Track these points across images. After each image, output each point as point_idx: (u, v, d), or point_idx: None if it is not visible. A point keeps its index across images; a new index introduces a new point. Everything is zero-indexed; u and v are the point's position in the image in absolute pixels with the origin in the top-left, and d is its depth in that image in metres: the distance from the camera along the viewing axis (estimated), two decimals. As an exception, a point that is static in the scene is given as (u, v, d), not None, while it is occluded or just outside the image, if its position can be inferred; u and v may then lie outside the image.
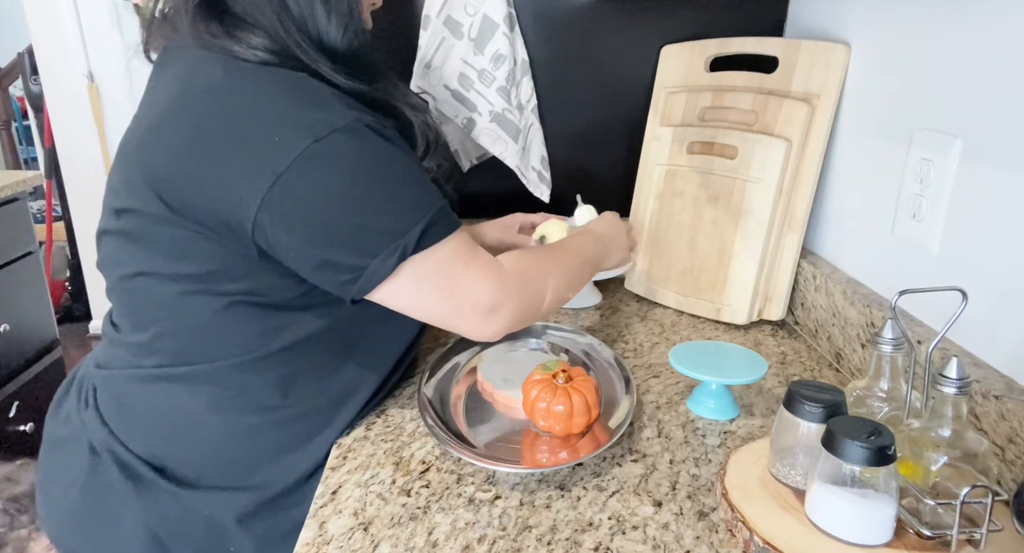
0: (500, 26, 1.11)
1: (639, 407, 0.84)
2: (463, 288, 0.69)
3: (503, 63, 1.13)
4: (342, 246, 0.64)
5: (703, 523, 0.64)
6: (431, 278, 0.68)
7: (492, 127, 1.15)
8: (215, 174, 0.63)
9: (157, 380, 0.73)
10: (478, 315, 0.70)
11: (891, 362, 0.66)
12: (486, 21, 1.11)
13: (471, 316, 0.70)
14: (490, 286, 0.70)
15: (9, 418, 1.87)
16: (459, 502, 0.67)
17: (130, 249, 0.70)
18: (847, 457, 0.54)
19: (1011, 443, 0.64)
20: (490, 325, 0.72)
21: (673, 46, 1.19)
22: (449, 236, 0.68)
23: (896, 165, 0.87)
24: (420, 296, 0.69)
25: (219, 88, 0.65)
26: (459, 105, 1.15)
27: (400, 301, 0.69)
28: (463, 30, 1.13)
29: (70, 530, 0.76)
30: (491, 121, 1.15)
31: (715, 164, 1.08)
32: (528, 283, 0.75)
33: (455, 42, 1.13)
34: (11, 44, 3.50)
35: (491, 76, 1.13)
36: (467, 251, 0.70)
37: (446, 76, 1.14)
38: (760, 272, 1.05)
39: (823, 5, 1.07)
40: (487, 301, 0.70)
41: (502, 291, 0.71)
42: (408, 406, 0.84)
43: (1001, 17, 0.70)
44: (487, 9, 1.11)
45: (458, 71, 1.14)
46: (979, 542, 0.55)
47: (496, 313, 0.71)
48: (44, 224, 3.14)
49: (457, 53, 1.14)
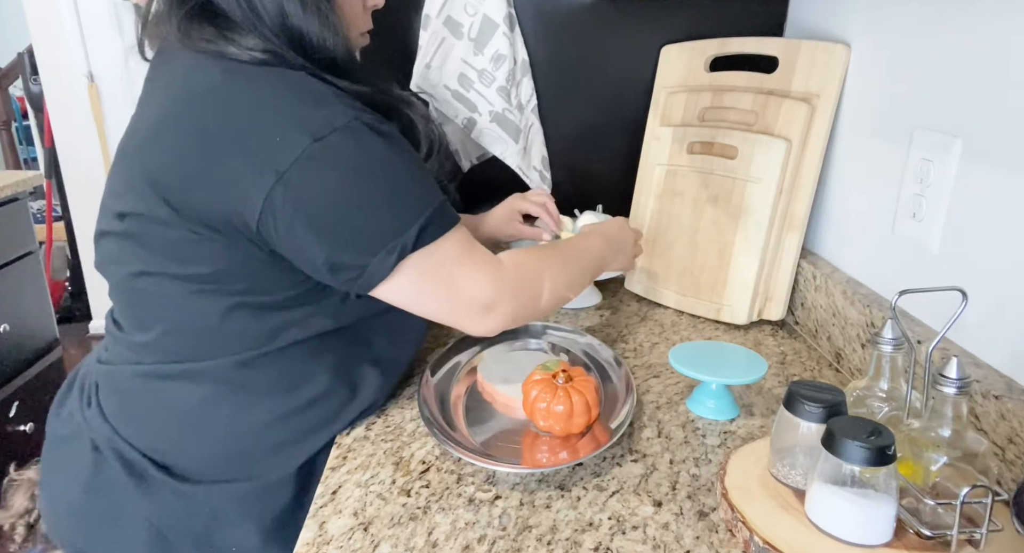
0: (500, 26, 1.11)
1: (639, 407, 0.84)
2: (461, 285, 0.70)
3: (503, 63, 1.13)
4: (343, 245, 0.65)
5: (703, 523, 0.64)
6: (430, 275, 0.69)
7: (492, 127, 1.15)
8: (218, 175, 0.64)
9: (160, 376, 0.73)
10: (474, 312, 0.71)
11: (891, 362, 0.66)
12: (486, 21, 1.11)
13: (468, 313, 0.72)
14: (487, 283, 0.71)
15: (9, 418, 1.87)
16: (459, 502, 0.67)
17: (133, 250, 0.70)
18: (847, 457, 0.54)
19: (1011, 443, 0.64)
20: (487, 322, 0.73)
21: (673, 46, 1.19)
22: (447, 233, 0.68)
23: (896, 165, 0.87)
24: (420, 293, 0.69)
25: (219, 89, 0.65)
26: (459, 105, 1.15)
27: (401, 298, 0.70)
28: (463, 30, 1.13)
29: (74, 528, 0.76)
30: (491, 121, 1.15)
31: (715, 164, 1.08)
32: (526, 282, 0.76)
33: (455, 42, 1.13)
34: (11, 44, 3.50)
35: (491, 76, 1.13)
36: (465, 248, 0.70)
37: (446, 76, 1.14)
38: (760, 272, 1.05)
39: (823, 5, 1.07)
40: (484, 298, 0.71)
41: (499, 289, 0.72)
42: (408, 406, 0.84)
43: (1001, 17, 0.70)
44: (487, 9, 1.11)
45: (458, 71, 1.14)
46: (979, 542, 0.55)
47: (492, 310, 0.72)
48: (44, 224, 3.14)
49: (457, 53, 1.14)
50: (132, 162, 0.69)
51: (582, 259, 0.87)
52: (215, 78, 0.66)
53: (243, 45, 0.67)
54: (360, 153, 0.65)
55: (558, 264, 0.81)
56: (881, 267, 0.91)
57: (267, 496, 0.74)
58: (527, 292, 0.75)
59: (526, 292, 0.75)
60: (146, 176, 0.67)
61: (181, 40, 0.68)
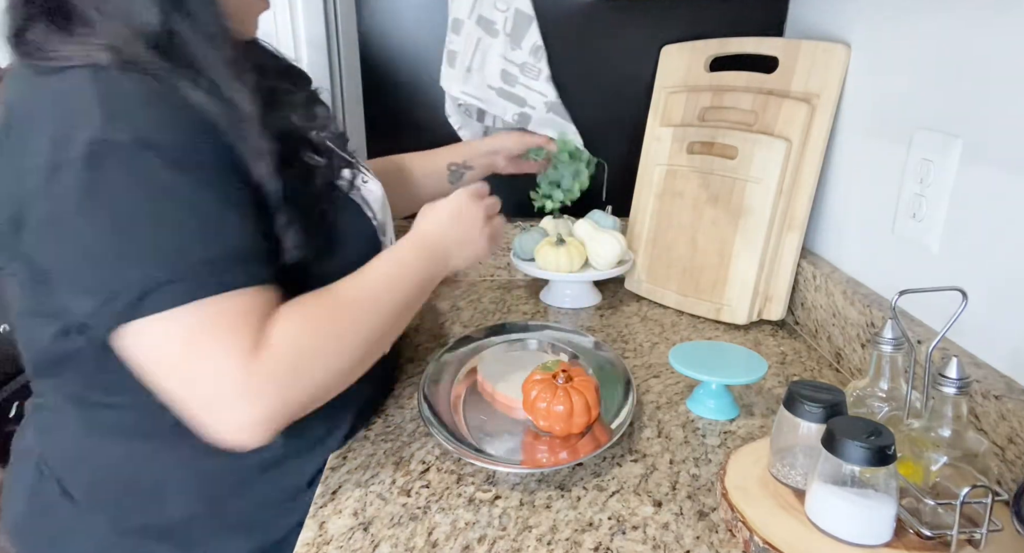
0: (534, 19, 1.12)
1: (639, 407, 0.84)
2: (197, 374, 0.56)
3: (543, 53, 1.14)
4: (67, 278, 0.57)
5: (703, 523, 0.64)
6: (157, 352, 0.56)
7: (550, 117, 1.15)
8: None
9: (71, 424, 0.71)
10: (213, 413, 0.56)
11: (891, 362, 0.66)
12: (519, 15, 1.12)
13: (203, 414, 0.56)
14: (234, 377, 0.55)
15: (9, 418, 1.87)
16: (459, 502, 0.67)
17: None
18: (847, 457, 0.54)
19: (1011, 443, 0.64)
20: (233, 428, 0.56)
21: (673, 46, 1.19)
22: (195, 302, 0.54)
23: (896, 165, 0.87)
24: (153, 365, 0.57)
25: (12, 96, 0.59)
26: (506, 103, 1.15)
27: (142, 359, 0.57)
28: (497, 27, 1.12)
29: (19, 545, 0.74)
30: (548, 111, 1.15)
31: (715, 164, 1.08)
32: (301, 372, 0.59)
33: (491, 41, 1.13)
34: (11, 44, 3.49)
35: (535, 68, 1.14)
36: (211, 327, 0.55)
37: (488, 76, 1.14)
38: (760, 272, 1.05)
39: (823, 5, 1.07)
40: (226, 395, 0.55)
41: (251, 385, 0.55)
42: (408, 406, 0.84)
43: (1001, 17, 0.70)
44: (518, 3, 1.11)
45: (500, 68, 1.14)
46: (979, 542, 0.55)
47: (239, 412, 0.56)
48: (44, 224, 3.14)
49: (495, 51, 1.13)
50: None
51: (395, 295, 0.68)
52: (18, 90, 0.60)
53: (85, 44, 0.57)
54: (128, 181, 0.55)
55: (350, 326, 0.63)
56: (881, 267, 0.91)
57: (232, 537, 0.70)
58: (303, 383, 0.59)
59: (301, 384, 0.59)
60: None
61: (15, 47, 0.60)
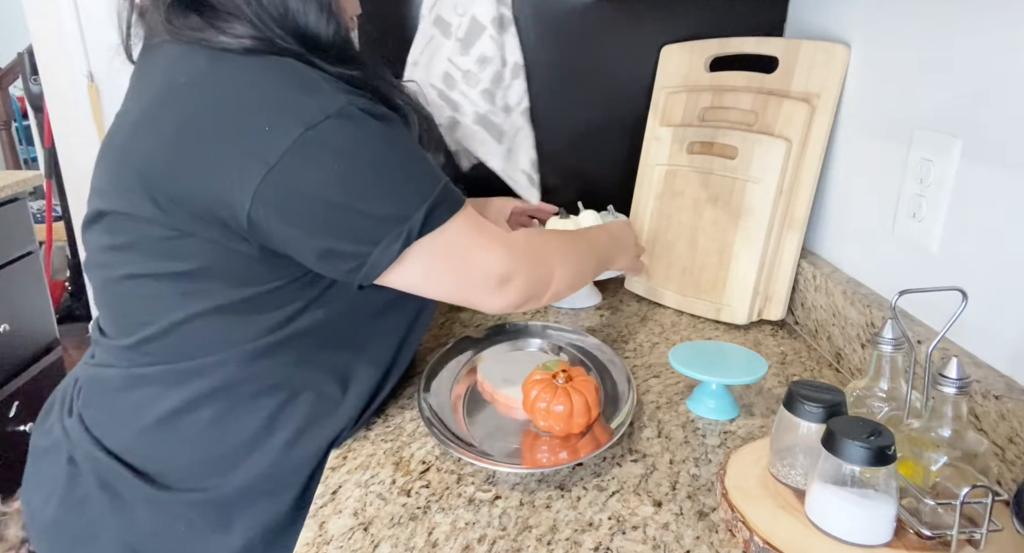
0: (487, 29, 1.11)
1: (639, 407, 0.84)
2: (475, 260, 0.69)
3: (488, 65, 1.12)
4: (343, 235, 0.63)
5: (703, 523, 0.64)
6: (441, 257, 0.67)
7: (477, 129, 1.15)
8: (204, 167, 0.61)
9: (143, 380, 0.71)
10: (490, 286, 0.70)
11: (891, 362, 0.66)
12: (473, 22, 1.11)
13: (483, 287, 0.70)
14: (502, 256, 0.70)
15: (9, 418, 1.87)
16: (459, 502, 0.67)
17: (114, 250, 0.69)
18: (847, 457, 0.54)
19: (1011, 443, 0.64)
20: (503, 296, 0.71)
21: (673, 46, 1.19)
22: (455, 214, 0.67)
23: (896, 165, 0.87)
24: (430, 276, 0.68)
25: (204, 78, 0.63)
26: (443, 104, 1.15)
27: (410, 283, 0.68)
28: (451, 30, 1.12)
29: (50, 543, 0.74)
30: (475, 123, 1.15)
31: (715, 164, 1.08)
32: (540, 257, 0.75)
33: (443, 41, 1.13)
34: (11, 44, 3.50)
35: (476, 77, 1.13)
36: (474, 226, 0.69)
37: (432, 75, 1.14)
38: (760, 272, 1.05)
39: (823, 5, 1.07)
40: (500, 271, 0.70)
41: (514, 261, 0.71)
42: (408, 406, 0.84)
43: (1001, 17, 0.70)
44: (476, 10, 1.11)
45: (443, 70, 1.14)
46: (979, 542, 0.55)
47: (507, 284, 0.71)
48: (44, 224, 3.14)
49: (444, 52, 1.13)
50: (115, 158, 0.67)
51: (590, 247, 0.87)
52: (199, 67, 0.64)
53: (230, 33, 0.64)
54: (356, 139, 0.62)
55: (568, 247, 0.81)
56: (881, 267, 0.91)
57: (250, 503, 0.72)
58: (541, 268, 0.75)
59: (540, 267, 0.75)
60: (130, 171, 0.65)
61: (168, 30, 0.66)
